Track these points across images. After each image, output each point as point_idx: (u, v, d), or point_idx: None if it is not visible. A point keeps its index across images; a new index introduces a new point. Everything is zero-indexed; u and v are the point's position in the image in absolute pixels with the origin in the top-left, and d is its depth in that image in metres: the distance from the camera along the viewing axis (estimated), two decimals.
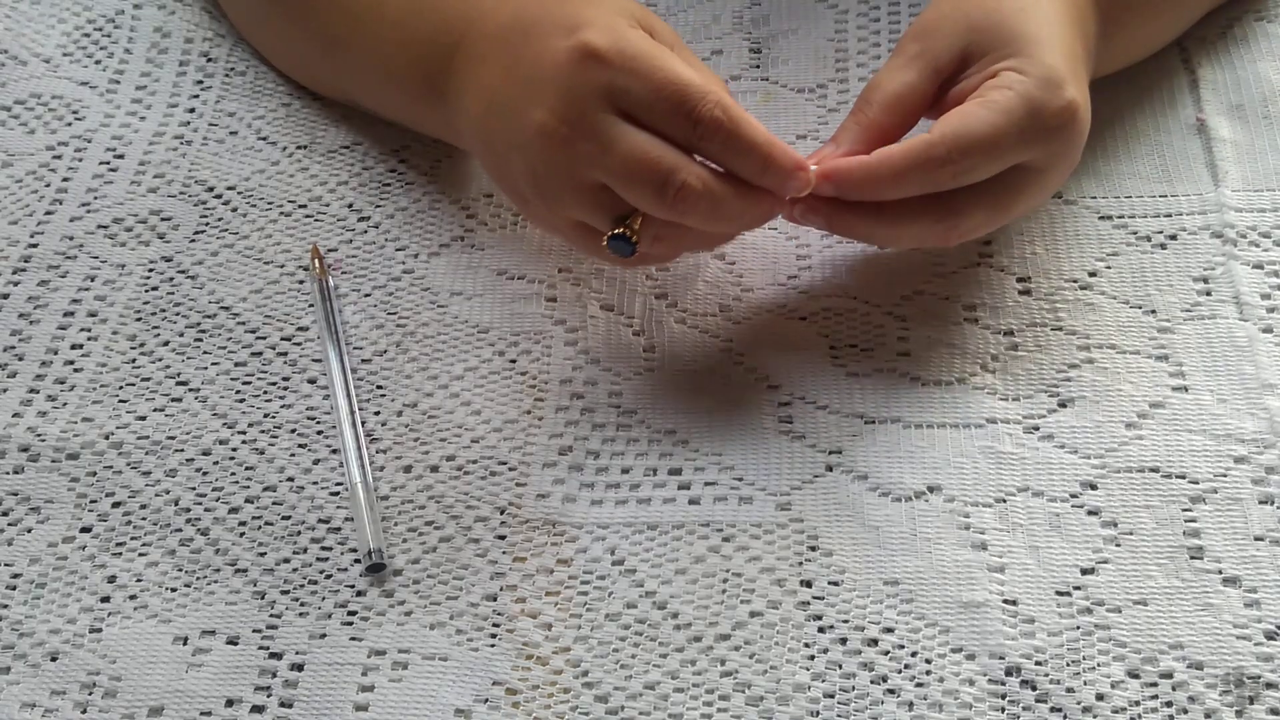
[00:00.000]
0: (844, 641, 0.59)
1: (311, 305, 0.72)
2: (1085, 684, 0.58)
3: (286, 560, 0.63)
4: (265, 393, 0.69)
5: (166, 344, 0.71)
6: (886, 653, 0.59)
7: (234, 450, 0.67)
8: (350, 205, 0.76)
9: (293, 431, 0.67)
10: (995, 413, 0.66)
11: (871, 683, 0.58)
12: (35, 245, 0.75)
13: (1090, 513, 0.63)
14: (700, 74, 0.62)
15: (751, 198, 0.62)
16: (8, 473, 0.66)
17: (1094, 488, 0.63)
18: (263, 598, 0.62)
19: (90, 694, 0.59)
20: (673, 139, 0.61)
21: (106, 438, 0.67)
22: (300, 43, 0.79)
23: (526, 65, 0.63)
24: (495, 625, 0.60)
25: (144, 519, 0.64)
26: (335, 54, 0.76)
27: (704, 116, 0.60)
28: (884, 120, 0.65)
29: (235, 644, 0.60)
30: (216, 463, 0.66)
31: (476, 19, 0.68)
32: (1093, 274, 0.71)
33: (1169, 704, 0.57)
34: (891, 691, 0.58)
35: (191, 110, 0.81)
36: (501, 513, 0.64)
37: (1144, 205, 0.74)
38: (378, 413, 0.68)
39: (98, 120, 0.80)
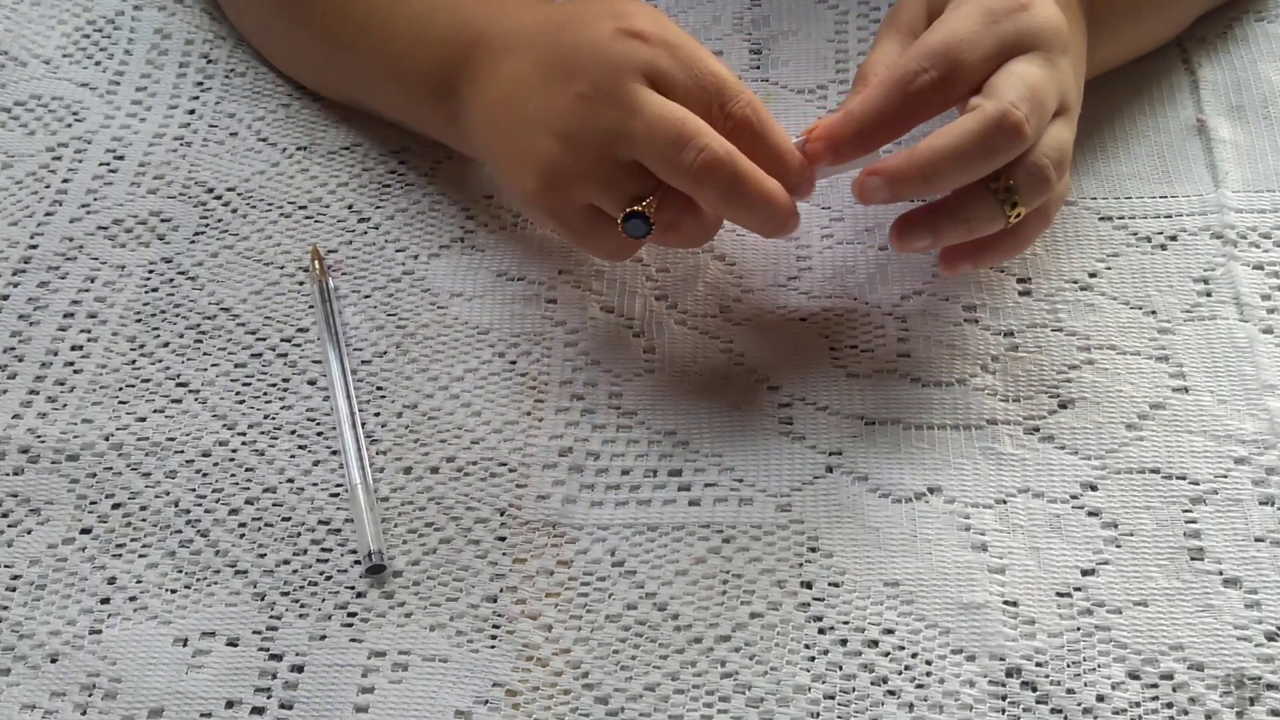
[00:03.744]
0: (844, 643, 0.59)
1: (311, 306, 0.72)
2: (1086, 685, 0.58)
3: (286, 562, 0.63)
4: (265, 394, 0.69)
5: (166, 345, 0.71)
6: (887, 654, 0.59)
7: (234, 452, 0.67)
8: (350, 206, 0.76)
9: (293, 433, 0.67)
10: (995, 414, 0.66)
11: (872, 684, 0.58)
12: (35, 246, 0.75)
13: (1091, 514, 0.63)
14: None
15: (769, 185, 0.62)
16: (7, 474, 0.66)
17: (1094, 489, 0.63)
18: (263, 599, 0.62)
19: (90, 695, 0.59)
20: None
21: (106, 439, 0.67)
22: (305, 44, 0.79)
23: (564, 50, 0.64)
24: (495, 627, 0.60)
25: (144, 520, 0.64)
26: (342, 55, 0.76)
27: (736, 112, 0.63)
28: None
29: (235, 645, 0.60)
30: (216, 464, 0.66)
31: (499, 17, 0.69)
32: (1093, 275, 0.71)
33: (1169, 705, 0.57)
34: (892, 693, 0.58)
35: (191, 112, 0.81)
36: (501, 514, 0.64)
37: (1144, 206, 0.74)
38: (378, 414, 0.68)
39: (98, 121, 0.80)
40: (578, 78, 0.63)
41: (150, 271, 0.74)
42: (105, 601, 0.62)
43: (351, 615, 0.61)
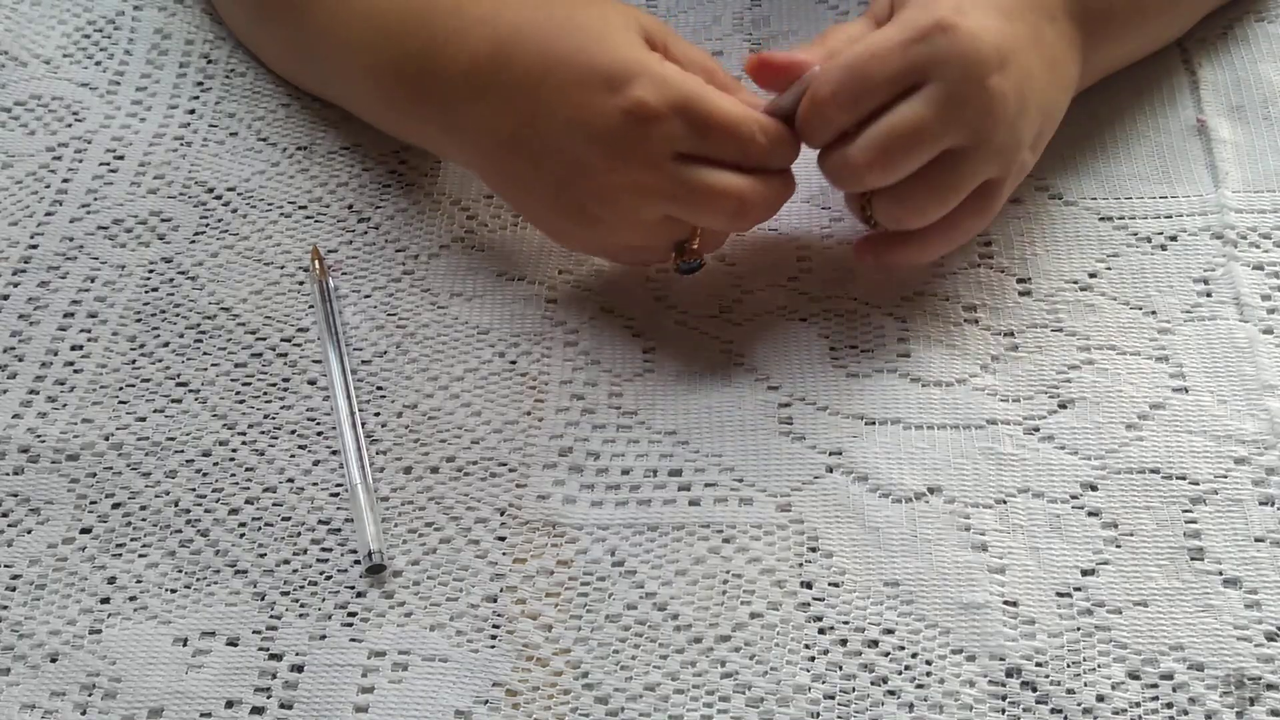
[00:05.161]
0: (844, 643, 0.59)
1: (311, 306, 0.72)
2: (1086, 685, 0.58)
3: (286, 561, 0.63)
4: (265, 394, 0.69)
5: (166, 345, 0.71)
6: (887, 654, 0.59)
7: (234, 451, 0.67)
8: (350, 206, 0.76)
9: (293, 433, 0.67)
10: (995, 414, 0.66)
11: (872, 684, 0.58)
12: (35, 246, 0.75)
13: (1090, 514, 0.63)
14: (698, 60, 0.67)
15: (789, 183, 0.67)
16: (8, 474, 0.66)
17: (1094, 489, 0.63)
18: (263, 599, 0.62)
19: (90, 695, 0.59)
20: (724, 161, 0.64)
21: (106, 439, 0.67)
22: (288, 54, 0.79)
23: (566, 120, 0.64)
24: (495, 626, 0.60)
25: (144, 520, 0.64)
26: (316, 67, 0.77)
27: (756, 151, 0.64)
28: (835, 46, 0.66)
29: (235, 645, 0.60)
30: (216, 464, 0.66)
31: (442, 45, 0.68)
32: (1093, 275, 0.71)
33: (1169, 705, 0.57)
34: (892, 693, 0.58)
35: (191, 111, 0.81)
36: (501, 514, 0.64)
37: (1144, 206, 0.74)
38: (378, 414, 0.68)
39: (98, 121, 0.80)
40: (597, 157, 0.64)
41: (150, 271, 0.74)
42: (105, 601, 0.62)
43: (351, 615, 0.61)
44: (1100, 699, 0.57)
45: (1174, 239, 0.72)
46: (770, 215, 0.67)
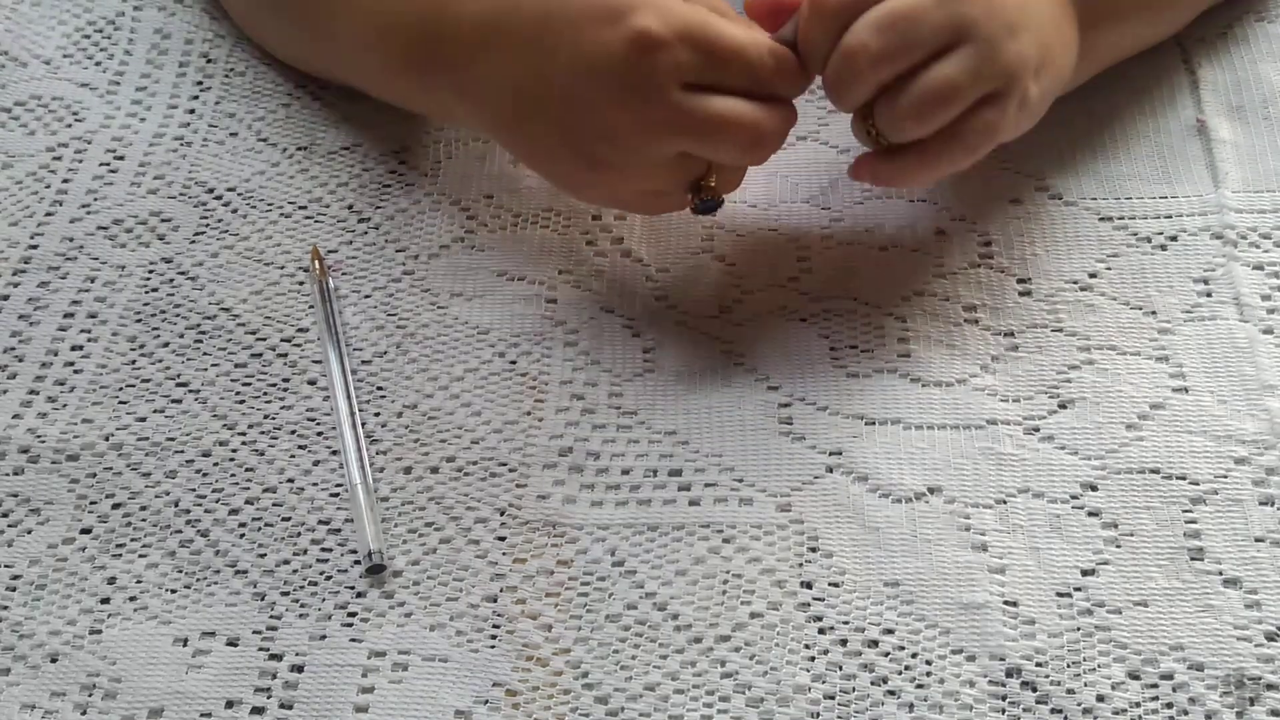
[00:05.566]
0: (844, 643, 0.59)
1: (311, 306, 0.72)
2: (1086, 685, 0.58)
3: (286, 561, 0.63)
4: (265, 394, 0.69)
5: (166, 345, 0.71)
6: (887, 654, 0.59)
7: (234, 452, 0.67)
8: (350, 206, 0.76)
9: (293, 433, 0.67)
10: (995, 414, 0.66)
11: (872, 684, 0.58)
12: (35, 246, 0.75)
13: (1091, 514, 0.63)
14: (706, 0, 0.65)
15: (793, 113, 0.66)
16: (8, 474, 0.66)
17: (1094, 489, 0.63)
18: (263, 599, 0.62)
19: (90, 695, 0.59)
20: (734, 90, 0.64)
21: (106, 439, 0.67)
22: (294, 36, 0.79)
23: (570, 59, 0.64)
24: (495, 626, 0.60)
25: (144, 520, 0.64)
26: (321, 43, 0.77)
27: (765, 76, 0.64)
28: None
29: (235, 645, 0.60)
30: (216, 464, 0.66)
31: (450, 2, 0.68)
32: (1093, 275, 0.71)
33: (1169, 705, 0.57)
34: (892, 693, 0.58)
35: (191, 112, 0.81)
36: (501, 514, 0.64)
37: (1144, 206, 0.74)
38: (378, 414, 0.68)
39: (98, 121, 0.80)
40: (605, 98, 0.63)
41: (150, 271, 0.74)
42: (105, 601, 0.62)
43: (351, 615, 0.61)
44: (1100, 699, 0.57)
45: (1174, 239, 0.72)
46: (779, 147, 0.66)
